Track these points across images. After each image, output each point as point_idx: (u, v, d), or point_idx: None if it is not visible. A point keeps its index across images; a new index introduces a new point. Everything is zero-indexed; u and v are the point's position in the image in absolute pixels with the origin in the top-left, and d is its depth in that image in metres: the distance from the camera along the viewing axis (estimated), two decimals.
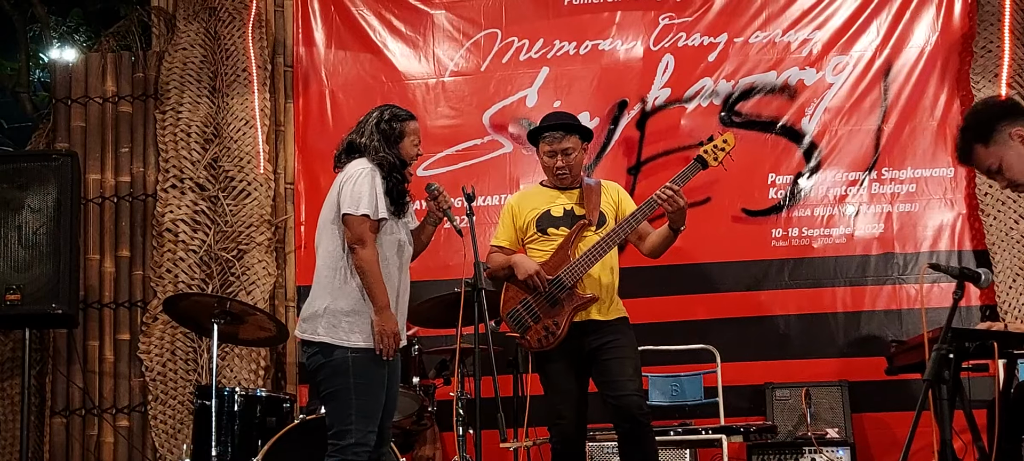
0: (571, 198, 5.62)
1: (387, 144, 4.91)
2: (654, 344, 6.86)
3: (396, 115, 5.00)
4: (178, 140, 7.54)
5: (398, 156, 4.93)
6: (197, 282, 7.36)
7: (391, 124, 4.95)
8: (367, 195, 4.73)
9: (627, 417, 5.30)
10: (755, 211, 7.26)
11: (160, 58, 7.73)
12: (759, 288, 7.22)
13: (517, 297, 5.47)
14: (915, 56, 7.26)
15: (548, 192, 5.68)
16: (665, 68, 7.46)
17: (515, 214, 5.67)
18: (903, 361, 5.89)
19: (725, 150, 5.53)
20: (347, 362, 4.73)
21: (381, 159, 4.87)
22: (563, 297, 5.38)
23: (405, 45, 7.75)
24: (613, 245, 5.44)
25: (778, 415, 6.81)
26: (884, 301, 7.10)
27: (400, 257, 4.93)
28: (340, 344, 4.74)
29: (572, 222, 5.53)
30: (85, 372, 7.51)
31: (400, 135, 4.95)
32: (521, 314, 5.44)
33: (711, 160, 5.51)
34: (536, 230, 5.57)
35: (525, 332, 5.42)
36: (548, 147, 5.58)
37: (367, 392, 4.74)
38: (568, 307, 5.37)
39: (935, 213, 7.14)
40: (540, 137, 5.63)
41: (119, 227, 7.66)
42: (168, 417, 7.35)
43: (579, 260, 5.38)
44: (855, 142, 7.25)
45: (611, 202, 5.66)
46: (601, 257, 5.41)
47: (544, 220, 5.57)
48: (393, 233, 4.89)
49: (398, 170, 4.91)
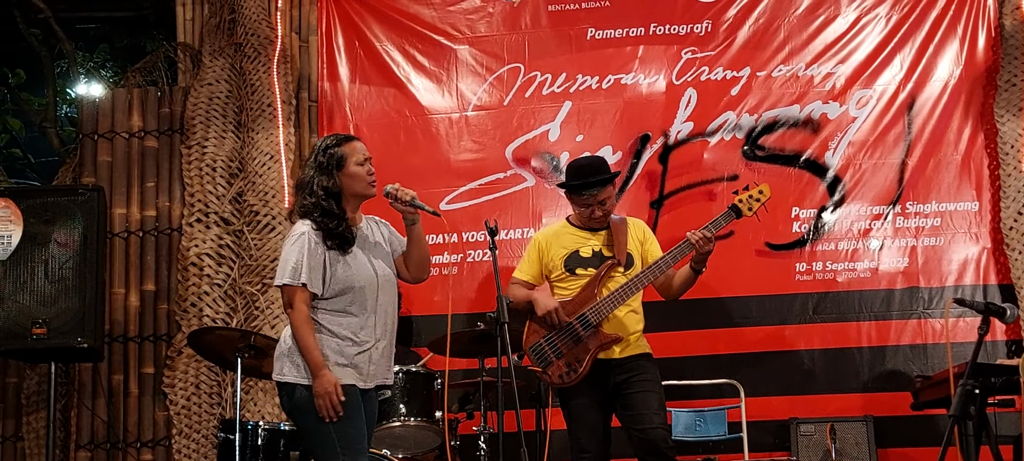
0: (599, 239, 5.63)
1: (325, 176, 4.75)
2: (677, 378, 6.84)
3: (334, 141, 4.86)
4: (203, 174, 7.57)
5: (336, 186, 4.76)
6: (221, 316, 7.37)
7: (326, 152, 4.79)
8: (292, 263, 4.64)
9: (652, 450, 5.31)
10: (779, 245, 7.24)
11: (186, 93, 7.78)
12: (783, 322, 7.20)
13: (540, 332, 5.48)
14: (939, 89, 7.25)
15: (577, 232, 5.69)
16: (688, 102, 7.46)
17: (542, 252, 5.68)
18: (929, 396, 5.88)
19: (760, 201, 5.54)
20: (312, 399, 4.62)
21: (310, 206, 4.73)
22: (587, 336, 5.38)
23: (428, 80, 7.78)
24: (641, 288, 5.46)
25: (803, 450, 6.77)
26: (909, 336, 7.06)
27: (374, 292, 4.79)
28: (304, 382, 4.64)
29: (599, 263, 5.54)
30: (110, 406, 7.53)
31: (340, 160, 4.78)
32: (544, 349, 5.44)
33: (746, 210, 5.52)
34: (564, 270, 5.59)
35: (547, 367, 5.43)
36: (583, 201, 5.60)
37: (342, 422, 4.61)
38: (591, 345, 5.38)
39: (960, 247, 7.11)
40: (574, 193, 5.64)
41: (144, 261, 7.69)
42: (192, 451, 7.35)
43: (606, 300, 5.39)
44: (879, 176, 7.23)
45: (636, 241, 5.66)
46: (628, 298, 5.43)
47: (573, 260, 5.59)
48: (354, 274, 4.74)
49: (331, 213, 4.73)
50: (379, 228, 5.01)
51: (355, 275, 4.75)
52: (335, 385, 4.58)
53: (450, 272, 7.52)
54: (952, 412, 4.15)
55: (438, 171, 7.65)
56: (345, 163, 4.79)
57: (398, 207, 4.85)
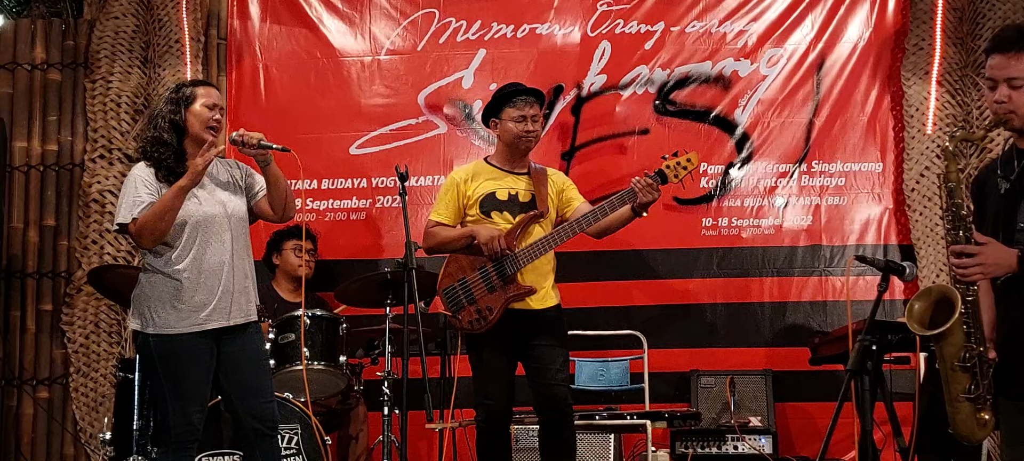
0: (517, 183, 5.55)
1: (172, 108, 4.76)
2: (582, 329, 6.89)
3: (190, 83, 4.95)
4: (107, 110, 7.42)
5: (181, 122, 4.75)
6: (123, 254, 7.26)
7: (179, 90, 4.83)
8: (125, 203, 4.65)
9: (553, 407, 5.34)
10: (686, 200, 7.29)
11: (91, 26, 7.59)
12: (688, 276, 7.27)
13: (456, 275, 5.42)
14: (848, 51, 7.34)
15: (493, 171, 5.58)
16: (602, 54, 7.47)
17: (459, 189, 5.54)
18: (827, 352, 5.99)
19: (687, 169, 5.46)
20: (149, 347, 4.66)
21: (150, 137, 4.77)
22: (501, 284, 5.35)
23: (341, 22, 7.69)
24: (564, 240, 5.40)
25: (702, 402, 6.87)
26: (810, 292, 7.18)
27: (215, 227, 4.76)
28: (148, 331, 4.67)
29: (516, 209, 5.48)
30: (6, 342, 7.38)
31: (189, 98, 4.79)
32: (457, 292, 5.39)
33: (672, 177, 5.42)
34: (479, 211, 5.49)
35: (458, 311, 5.39)
36: (518, 112, 5.49)
37: (174, 374, 4.64)
38: (505, 295, 5.35)
39: (863, 207, 7.23)
40: (509, 101, 5.54)
41: (45, 196, 7.52)
42: (90, 390, 7.25)
43: (524, 251, 5.35)
44: (786, 134, 7.32)
45: (555, 192, 5.62)
46: (549, 251, 5.40)
47: (488, 202, 5.49)
48: (194, 209, 4.72)
49: (167, 143, 4.73)
50: (231, 169, 4.99)
51: (196, 210, 4.72)
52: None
53: (358, 217, 7.48)
54: (849, 367, 4.22)
55: (349, 115, 7.58)
56: (194, 101, 4.80)
57: (248, 152, 4.83)
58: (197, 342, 4.67)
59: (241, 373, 4.80)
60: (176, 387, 4.64)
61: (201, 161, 4.64)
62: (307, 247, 6.77)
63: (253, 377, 4.84)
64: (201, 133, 4.76)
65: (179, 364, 4.65)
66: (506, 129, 5.55)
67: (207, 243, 4.72)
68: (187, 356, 4.66)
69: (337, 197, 7.52)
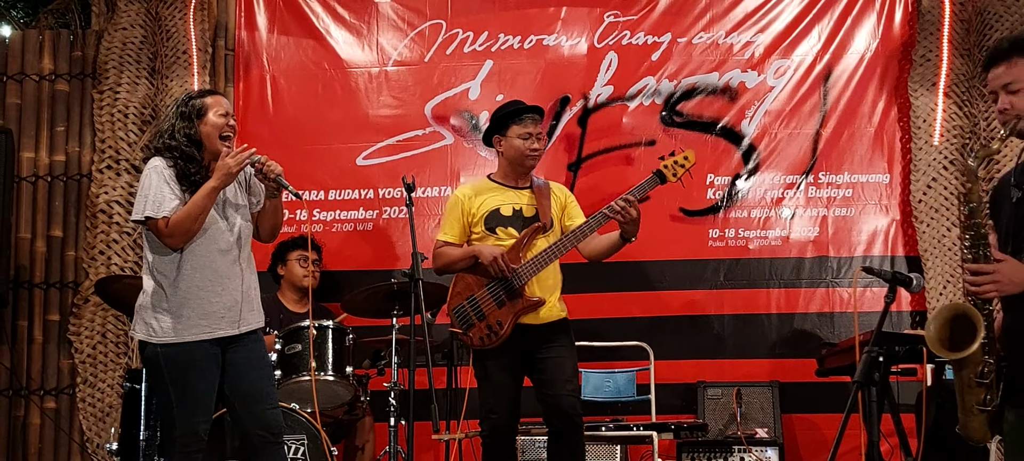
0: (520, 198, 5.57)
1: (186, 123, 4.75)
2: (589, 340, 6.89)
3: (198, 93, 4.90)
4: (115, 120, 7.43)
5: (197, 135, 4.74)
6: (130, 265, 7.27)
7: (188, 102, 4.80)
8: (150, 199, 4.63)
9: (562, 417, 5.34)
10: (693, 211, 7.30)
11: (99, 37, 7.61)
12: (695, 287, 7.27)
13: (465, 293, 5.44)
14: (855, 62, 7.34)
15: (497, 188, 5.61)
16: (609, 66, 7.47)
17: (464, 208, 5.56)
18: (834, 363, 5.97)
19: (685, 167, 5.48)
20: (157, 357, 4.65)
21: (166, 143, 4.75)
22: (510, 298, 5.36)
23: (348, 33, 7.70)
24: (563, 252, 5.43)
25: (709, 413, 6.86)
26: (817, 304, 7.17)
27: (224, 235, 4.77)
28: (153, 341, 4.66)
29: (520, 224, 5.49)
30: (13, 352, 7.39)
31: (201, 110, 4.77)
32: (466, 310, 5.41)
33: (670, 176, 5.44)
34: (484, 228, 5.51)
35: (468, 329, 5.40)
36: (524, 129, 5.52)
37: (182, 383, 4.63)
38: (514, 308, 5.35)
39: (870, 218, 7.22)
40: (515, 119, 5.56)
41: (52, 207, 7.54)
42: (97, 400, 7.25)
43: (529, 263, 5.37)
44: (793, 145, 7.31)
45: (558, 206, 5.64)
46: (550, 263, 5.41)
47: (493, 218, 5.51)
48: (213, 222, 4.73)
49: (193, 158, 4.73)
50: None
51: (221, 222, 4.74)
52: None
53: (365, 228, 7.49)
54: (856, 379, 4.21)
55: (356, 126, 7.59)
56: (206, 113, 4.78)
57: (262, 179, 4.84)
58: (205, 350, 4.67)
59: (247, 380, 4.80)
60: (183, 396, 4.63)
61: (234, 163, 4.65)
62: (312, 257, 6.78)
63: (258, 384, 4.83)
64: (216, 144, 4.77)
65: (187, 372, 4.64)
66: (512, 146, 5.57)
67: (217, 251, 4.73)
68: (195, 364, 4.65)
69: (344, 208, 7.52)
